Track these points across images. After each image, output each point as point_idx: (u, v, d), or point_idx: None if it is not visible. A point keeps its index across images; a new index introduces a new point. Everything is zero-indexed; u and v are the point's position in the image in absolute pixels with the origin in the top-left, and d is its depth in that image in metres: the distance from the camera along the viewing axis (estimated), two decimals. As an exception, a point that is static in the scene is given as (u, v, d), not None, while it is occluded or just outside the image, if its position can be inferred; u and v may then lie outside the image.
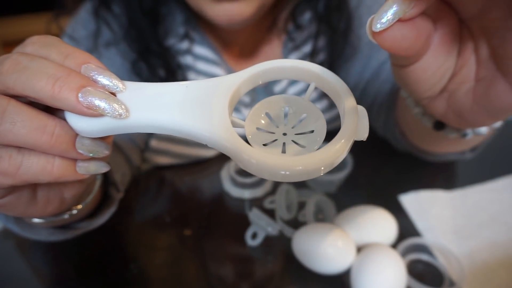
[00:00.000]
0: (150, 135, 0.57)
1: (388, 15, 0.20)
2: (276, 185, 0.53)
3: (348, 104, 0.22)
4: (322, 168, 0.20)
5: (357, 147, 0.25)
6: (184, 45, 0.55)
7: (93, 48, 0.53)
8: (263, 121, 0.23)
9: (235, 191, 0.52)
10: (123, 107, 0.22)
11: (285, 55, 0.58)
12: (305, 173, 0.20)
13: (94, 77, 0.22)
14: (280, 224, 0.46)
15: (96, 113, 0.21)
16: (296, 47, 0.58)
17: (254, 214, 0.46)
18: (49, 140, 0.21)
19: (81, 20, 0.54)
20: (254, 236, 0.46)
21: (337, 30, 0.54)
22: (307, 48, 0.58)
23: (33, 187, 0.26)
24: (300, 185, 0.52)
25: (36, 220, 0.33)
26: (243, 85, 0.23)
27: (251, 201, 0.51)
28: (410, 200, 0.50)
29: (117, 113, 0.21)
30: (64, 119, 0.22)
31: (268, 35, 0.58)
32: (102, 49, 0.53)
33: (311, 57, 0.57)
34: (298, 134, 0.23)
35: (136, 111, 0.22)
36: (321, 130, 0.23)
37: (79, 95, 0.21)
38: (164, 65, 0.54)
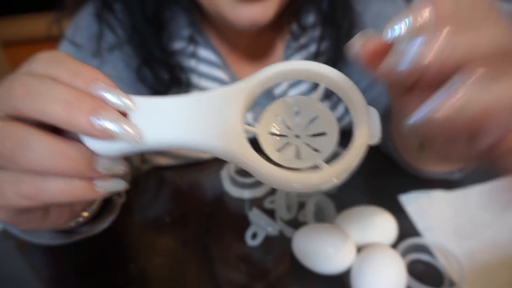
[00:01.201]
0: None
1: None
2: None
3: (359, 106, 0.22)
4: (335, 180, 0.20)
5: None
6: (188, 48, 0.55)
7: (96, 51, 0.52)
8: (275, 125, 0.23)
9: (235, 191, 0.52)
10: (136, 131, 0.22)
11: (288, 56, 0.58)
12: (316, 186, 0.20)
13: (103, 96, 0.22)
14: (280, 224, 0.46)
15: (109, 137, 0.21)
16: (299, 49, 0.58)
17: (254, 214, 0.46)
18: (67, 164, 0.21)
19: (83, 23, 0.53)
20: (254, 236, 0.46)
21: (341, 30, 0.54)
22: (310, 50, 0.57)
23: (47, 205, 0.26)
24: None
25: None
26: (253, 91, 0.23)
27: (251, 201, 0.51)
28: (410, 200, 0.50)
29: (130, 138, 0.21)
30: (78, 139, 0.22)
31: (271, 36, 0.58)
32: (105, 53, 0.53)
33: (314, 58, 0.57)
34: (310, 136, 0.23)
35: (150, 132, 0.21)
36: (333, 132, 0.23)
37: (92, 119, 0.21)
38: (168, 69, 0.54)
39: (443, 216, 0.48)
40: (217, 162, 0.57)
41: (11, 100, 0.21)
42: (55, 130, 0.23)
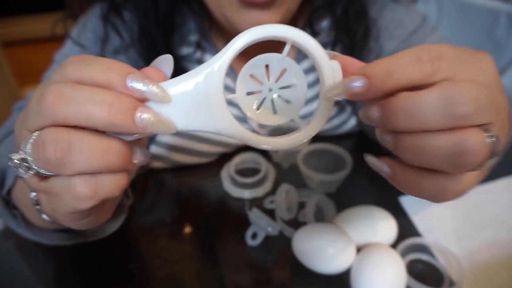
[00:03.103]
0: (150, 141, 0.57)
1: None
2: (276, 185, 0.53)
3: (320, 61, 0.24)
4: (307, 139, 0.25)
5: (357, 147, 0.26)
6: (195, 54, 0.55)
7: (100, 54, 0.52)
8: (250, 84, 0.25)
9: (235, 191, 0.52)
10: (171, 124, 0.23)
11: (299, 61, 0.57)
12: (289, 146, 0.25)
13: (140, 85, 0.22)
14: (280, 224, 0.46)
15: (149, 132, 0.22)
16: None
17: (254, 214, 0.46)
18: (116, 159, 0.22)
19: (90, 24, 0.53)
20: (254, 236, 0.46)
21: (355, 35, 0.54)
22: None
23: (103, 202, 0.27)
24: (300, 185, 0.52)
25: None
26: (228, 64, 0.25)
27: (251, 201, 0.51)
28: (410, 202, 0.50)
29: (167, 130, 0.22)
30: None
31: (281, 43, 0.58)
32: (110, 56, 0.53)
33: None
34: (282, 88, 0.25)
35: (180, 122, 0.23)
36: (303, 83, 0.25)
37: (136, 118, 0.21)
38: (174, 73, 0.54)
39: (443, 216, 0.49)
40: (217, 163, 0.57)
41: (46, 112, 0.21)
42: None
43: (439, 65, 0.20)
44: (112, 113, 0.21)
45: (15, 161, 0.22)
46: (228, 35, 0.55)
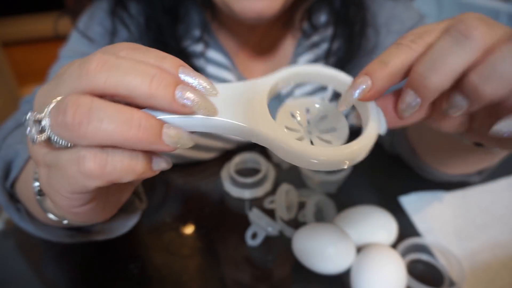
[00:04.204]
0: None
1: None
2: (276, 185, 0.53)
3: (369, 107, 0.24)
4: (347, 161, 0.22)
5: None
6: (198, 48, 0.56)
7: None
8: (288, 121, 0.25)
9: (235, 191, 0.52)
10: (213, 107, 0.22)
11: (298, 55, 0.58)
12: (327, 164, 0.22)
13: (191, 78, 0.22)
14: (280, 224, 0.46)
15: (189, 111, 0.21)
16: (310, 47, 0.58)
17: (254, 214, 0.46)
18: (136, 133, 0.20)
19: (97, 18, 0.54)
20: (254, 236, 0.46)
21: (354, 30, 0.54)
22: (321, 49, 0.57)
23: (106, 193, 0.26)
24: (300, 185, 0.52)
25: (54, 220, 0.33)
26: (274, 87, 0.25)
27: (251, 201, 0.51)
28: (411, 202, 0.50)
29: (208, 112, 0.22)
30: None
31: (281, 34, 0.58)
32: None
33: (325, 58, 0.57)
34: (321, 132, 0.25)
35: (221, 112, 0.22)
36: (344, 128, 0.25)
37: (176, 92, 0.21)
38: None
39: (443, 216, 0.48)
40: (217, 162, 0.57)
41: (87, 77, 0.20)
42: None
43: (419, 43, 0.23)
44: (153, 85, 0.20)
45: (31, 119, 0.21)
46: (231, 24, 0.56)
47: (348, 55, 0.55)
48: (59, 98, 0.21)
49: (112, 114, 0.20)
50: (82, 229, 0.38)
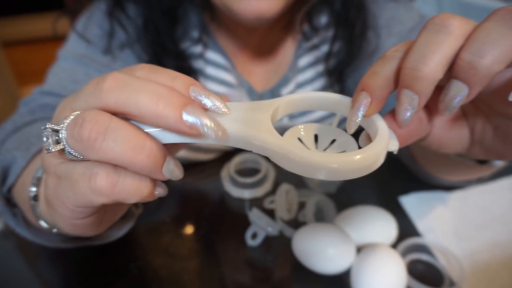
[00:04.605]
0: None
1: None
2: (276, 185, 0.53)
3: (382, 132, 0.23)
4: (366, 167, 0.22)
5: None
6: (197, 49, 0.55)
7: (107, 48, 0.53)
8: (297, 145, 0.24)
9: (235, 191, 0.52)
10: (222, 129, 0.22)
11: (298, 56, 0.58)
12: (341, 172, 0.22)
13: (201, 99, 0.22)
14: (280, 224, 0.46)
15: (196, 134, 0.21)
16: (310, 49, 0.57)
17: (254, 214, 0.46)
18: (144, 160, 0.21)
19: (95, 19, 0.54)
20: (254, 236, 0.46)
21: (354, 31, 0.54)
22: (321, 50, 0.57)
23: (104, 210, 0.27)
24: (300, 185, 0.52)
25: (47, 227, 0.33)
26: (277, 109, 0.24)
27: (251, 201, 0.51)
28: (411, 202, 0.50)
29: (216, 135, 0.21)
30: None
31: (281, 36, 0.58)
32: (117, 51, 0.53)
33: (325, 60, 0.57)
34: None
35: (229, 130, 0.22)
36: (354, 149, 0.24)
37: (183, 113, 0.20)
38: (178, 67, 0.54)
39: (443, 217, 0.48)
40: (217, 163, 0.57)
41: (101, 94, 0.21)
42: None
43: (401, 50, 0.23)
44: (161, 104, 0.20)
45: (49, 129, 0.22)
46: (231, 26, 0.56)
47: (349, 57, 0.55)
48: (77, 113, 0.22)
49: (127, 137, 0.20)
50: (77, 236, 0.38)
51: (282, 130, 0.24)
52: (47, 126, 0.22)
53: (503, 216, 0.48)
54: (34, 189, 0.29)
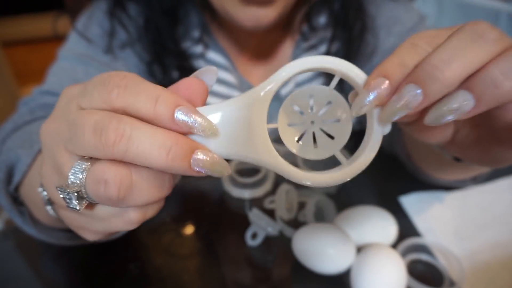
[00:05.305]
0: None
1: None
2: (276, 185, 0.53)
3: (375, 129, 0.23)
4: (349, 178, 0.24)
5: (357, 147, 0.25)
6: (198, 49, 0.55)
7: (108, 48, 0.53)
8: (291, 116, 0.24)
9: (235, 191, 0.52)
10: (226, 167, 0.22)
11: (296, 56, 0.58)
12: (329, 184, 0.24)
13: (187, 118, 0.21)
14: (280, 224, 0.46)
15: (203, 175, 0.22)
16: (309, 49, 0.58)
17: (254, 214, 0.46)
18: (166, 192, 0.23)
19: (95, 19, 0.54)
20: (254, 236, 0.46)
21: (353, 32, 0.54)
22: (319, 50, 0.57)
23: None
24: (300, 185, 0.52)
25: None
26: (272, 94, 0.24)
27: (251, 201, 0.51)
28: (411, 202, 0.50)
29: (222, 172, 0.22)
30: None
31: (280, 36, 0.58)
32: (117, 50, 0.53)
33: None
34: (325, 122, 0.24)
35: (225, 152, 0.23)
36: (347, 122, 0.24)
37: (192, 162, 0.21)
38: (179, 66, 0.54)
39: (443, 217, 0.48)
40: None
41: (107, 149, 0.20)
42: None
43: (433, 46, 0.21)
44: (170, 158, 0.20)
45: (70, 194, 0.22)
46: (230, 28, 0.56)
47: (347, 57, 0.55)
48: (86, 165, 0.21)
49: (151, 184, 0.22)
50: None
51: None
52: (66, 190, 0.22)
53: (503, 216, 0.48)
54: (45, 193, 0.29)
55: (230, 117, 0.22)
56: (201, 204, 0.52)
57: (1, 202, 0.37)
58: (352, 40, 0.54)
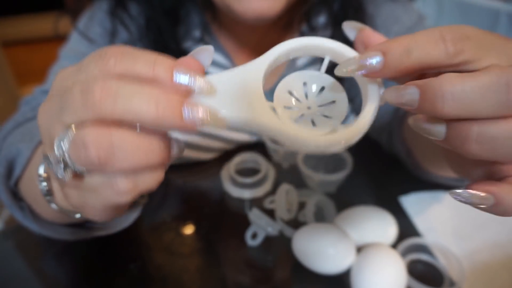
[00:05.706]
0: None
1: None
2: (276, 185, 0.53)
3: (371, 95, 0.23)
4: (345, 141, 0.22)
5: (357, 147, 0.25)
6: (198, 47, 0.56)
7: None
8: (287, 100, 0.24)
9: (235, 191, 0.52)
10: (222, 120, 0.22)
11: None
12: (327, 146, 0.22)
13: (186, 78, 0.21)
14: (280, 224, 0.46)
15: (198, 127, 0.21)
16: None
17: (254, 214, 0.46)
18: (156, 157, 0.22)
19: (97, 19, 0.54)
20: (254, 236, 0.46)
21: None
22: None
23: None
24: (300, 185, 0.52)
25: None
26: (270, 67, 0.24)
27: (251, 201, 0.51)
28: (411, 202, 0.50)
29: (217, 123, 0.22)
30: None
31: (280, 36, 0.58)
32: None
33: (322, 59, 0.57)
34: (321, 106, 0.24)
35: (224, 114, 0.22)
36: (343, 99, 0.24)
37: (184, 114, 0.21)
38: None
39: (443, 216, 0.49)
40: (217, 162, 0.57)
41: (93, 107, 0.20)
42: None
43: (463, 46, 0.20)
44: (160, 109, 0.20)
45: (51, 159, 0.22)
46: (231, 25, 0.56)
47: None
48: (72, 132, 0.21)
49: (134, 144, 0.21)
50: (85, 226, 0.38)
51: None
52: (49, 157, 0.22)
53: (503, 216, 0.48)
54: (44, 183, 0.28)
55: (229, 82, 0.23)
56: (201, 204, 0.52)
57: (1, 197, 0.37)
58: (351, 40, 0.54)
